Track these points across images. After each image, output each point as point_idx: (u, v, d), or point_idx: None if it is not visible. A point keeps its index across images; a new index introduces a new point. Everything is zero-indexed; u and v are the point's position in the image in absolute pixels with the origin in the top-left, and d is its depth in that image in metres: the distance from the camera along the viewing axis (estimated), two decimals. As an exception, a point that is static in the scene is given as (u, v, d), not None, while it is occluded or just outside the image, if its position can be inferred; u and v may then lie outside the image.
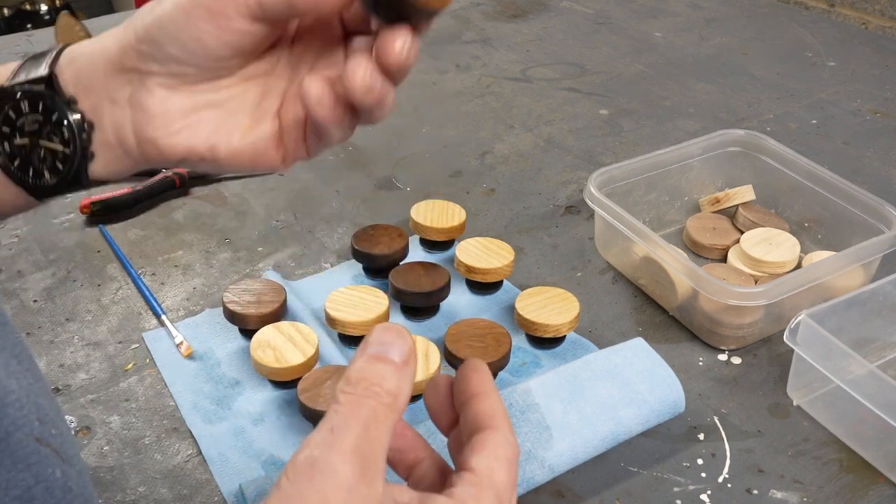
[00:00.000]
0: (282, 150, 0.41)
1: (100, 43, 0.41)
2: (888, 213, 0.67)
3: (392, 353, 0.35)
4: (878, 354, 0.63)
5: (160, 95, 0.39)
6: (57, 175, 0.41)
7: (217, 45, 0.38)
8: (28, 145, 0.41)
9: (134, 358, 0.63)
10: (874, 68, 1.09)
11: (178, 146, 0.40)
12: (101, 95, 0.40)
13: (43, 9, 2.41)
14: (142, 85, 0.39)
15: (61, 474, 0.33)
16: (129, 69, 0.40)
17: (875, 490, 0.54)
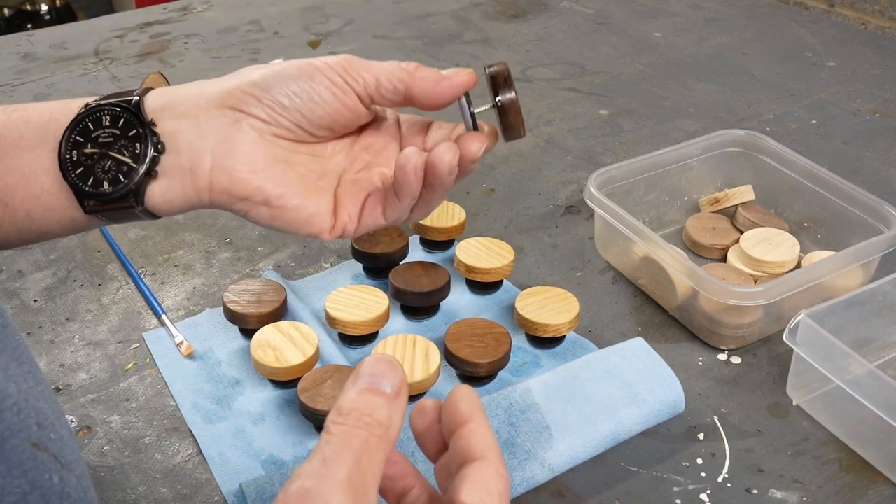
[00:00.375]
0: (333, 221, 0.46)
1: (197, 84, 0.45)
2: (888, 213, 0.67)
3: (384, 384, 0.35)
4: (878, 354, 0.63)
5: (250, 137, 0.43)
6: (115, 185, 0.43)
7: (322, 112, 0.44)
8: (97, 154, 0.43)
9: (134, 358, 0.63)
10: (874, 68, 1.09)
11: (252, 183, 0.43)
12: (188, 123, 0.43)
13: (43, 9, 2.41)
14: (236, 123, 0.43)
15: (59, 480, 0.33)
16: (228, 107, 0.43)
17: (874, 490, 0.54)
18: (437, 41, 1.15)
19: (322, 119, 0.44)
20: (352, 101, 0.44)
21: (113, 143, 0.43)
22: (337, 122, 0.45)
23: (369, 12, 1.24)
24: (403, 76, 0.44)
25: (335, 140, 0.47)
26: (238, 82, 0.44)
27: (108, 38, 1.15)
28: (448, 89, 0.44)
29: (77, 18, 2.44)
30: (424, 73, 0.44)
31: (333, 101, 0.44)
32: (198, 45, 1.13)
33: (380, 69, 0.44)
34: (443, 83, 0.44)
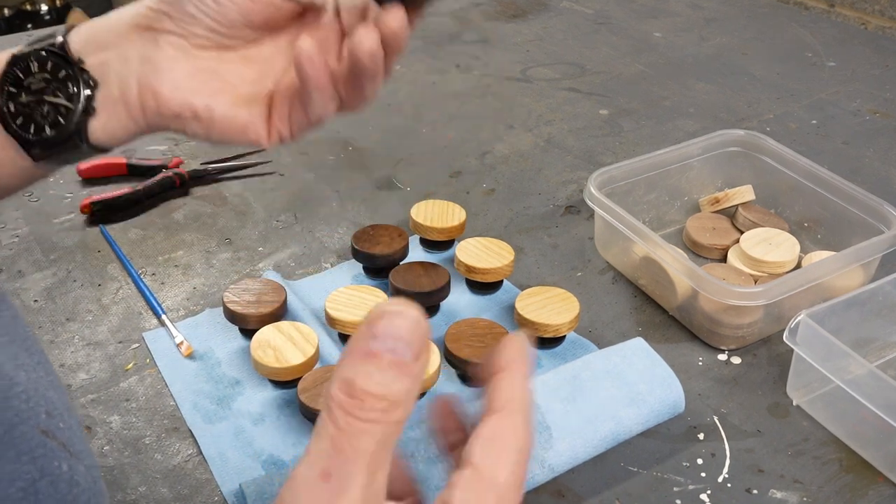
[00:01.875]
0: (268, 128, 0.44)
1: (114, 13, 0.44)
2: (888, 213, 0.67)
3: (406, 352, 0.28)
4: (878, 354, 0.63)
5: (169, 53, 0.43)
6: (57, 128, 0.43)
7: (231, 10, 0.42)
8: (33, 102, 0.43)
9: (134, 358, 0.63)
10: (874, 68, 1.09)
11: (177, 99, 0.43)
12: (112, 53, 0.43)
13: (43, 9, 2.41)
14: (154, 42, 0.42)
15: (68, 468, 0.33)
16: (144, 27, 0.43)
17: (875, 490, 0.54)
18: (436, 41, 1.15)
19: (235, 19, 0.43)
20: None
21: (45, 88, 0.43)
22: (253, 19, 0.43)
23: (369, 12, 1.24)
24: None
25: (270, 40, 0.45)
26: (147, 1, 0.43)
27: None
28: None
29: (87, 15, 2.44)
30: None
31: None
32: (198, 46, 1.13)
33: None
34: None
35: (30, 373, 0.34)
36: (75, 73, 0.43)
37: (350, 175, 0.86)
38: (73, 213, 0.79)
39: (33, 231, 0.77)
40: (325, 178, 0.85)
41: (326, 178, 0.85)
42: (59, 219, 0.78)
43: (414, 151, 0.90)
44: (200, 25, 0.43)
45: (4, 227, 0.77)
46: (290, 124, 0.44)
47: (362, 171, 0.86)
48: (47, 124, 0.43)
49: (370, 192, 0.83)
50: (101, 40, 0.43)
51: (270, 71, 0.45)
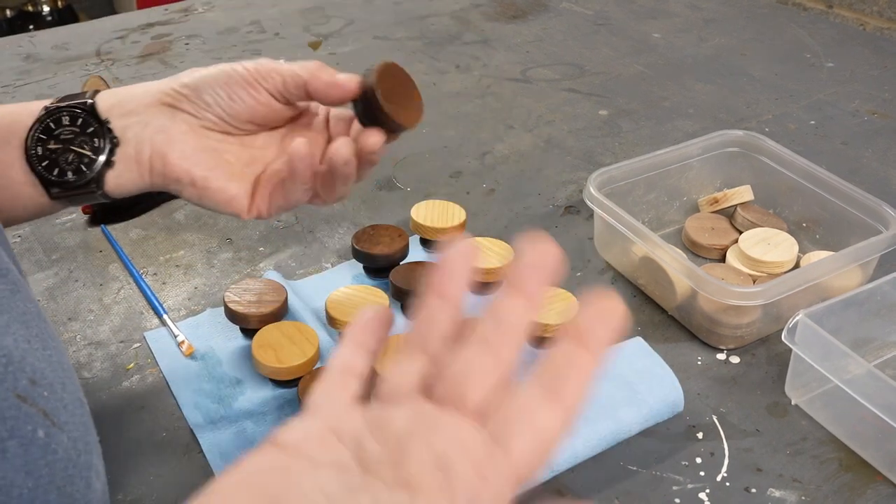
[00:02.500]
0: (250, 203, 0.53)
1: (141, 86, 0.52)
2: (886, 214, 0.67)
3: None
4: (876, 354, 0.63)
5: (182, 128, 0.51)
6: (79, 175, 0.50)
7: (240, 108, 0.51)
8: (60, 149, 0.50)
9: (136, 357, 0.63)
10: (872, 69, 1.10)
11: (181, 167, 0.51)
12: (134, 119, 0.51)
13: (45, 10, 2.41)
14: (171, 117, 0.51)
15: (44, 435, 0.34)
16: (166, 104, 0.51)
17: (873, 489, 0.54)
18: (437, 42, 1.16)
19: (241, 114, 0.52)
20: (265, 98, 0.51)
21: (73, 139, 0.50)
22: (255, 116, 0.52)
23: (370, 13, 1.25)
24: (304, 74, 0.51)
25: (267, 133, 0.54)
26: (174, 84, 0.51)
27: (110, 38, 1.16)
28: (338, 94, 0.51)
29: (78, 19, 2.44)
30: (321, 74, 0.51)
31: (249, 100, 0.51)
32: (199, 46, 1.13)
33: (286, 69, 0.51)
34: (334, 88, 0.51)
35: (19, 342, 0.36)
36: (102, 130, 0.50)
37: (350, 175, 0.86)
38: (75, 214, 0.79)
39: (35, 231, 0.77)
40: (326, 178, 0.85)
41: (327, 178, 0.85)
42: (60, 219, 0.79)
43: (414, 151, 0.90)
44: (212, 113, 0.51)
45: (7, 228, 0.78)
46: (269, 204, 0.53)
47: (363, 171, 0.86)
48: (70, 170, 0.50)
49: (370, 192, 0.83)
50: (126, 107, 0.51)
51: (262, 157, 0.54)
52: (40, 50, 1.12)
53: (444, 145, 0.91)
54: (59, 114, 0.51)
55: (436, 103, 1.00)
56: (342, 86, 0.51)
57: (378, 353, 0.37)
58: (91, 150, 0.50)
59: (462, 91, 1.03)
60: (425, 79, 1.06)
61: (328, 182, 0.52)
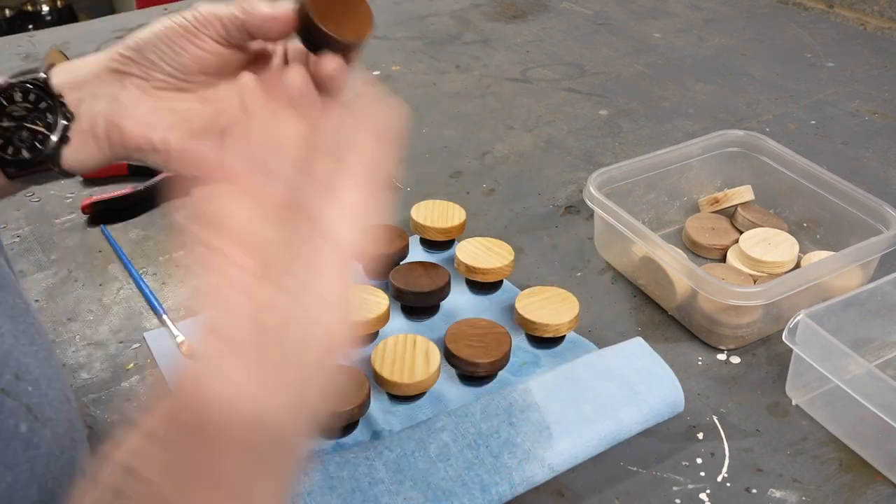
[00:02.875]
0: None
1: (89, 56, 0.50)
2: (886, 214, 0.67)
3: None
4: (877, 354, 0.63)
5: (133, 94, 0.48)
6: (34, 152, 0.48)
7: (187, 59, 0.48)
8: (13, 127, 0.48)
9: (135, 357, 0.63)
10: (873, 69, 1.10)
11: (138, 134, 0.48)
12: (86, 91, 0.48)
13: (44, 9, 2.41)
14: (121, 83, 0.48)
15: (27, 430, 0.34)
16: (113, 70, 0.49)
17: (873, 489, 0.54)
18: (437, 42, 1.16)
19: (190, 67, 0.49)
20: (210, 46, 0.48)
21: (27, 116, 0.48)
22: (206, 67, 0.49)
23: (369, 13, 1.25)
24: (239, 14, 0.48)
25: (225, 83, 0.51)
26: (118, 49, 0.49)
27: (109, 38, 1.15)
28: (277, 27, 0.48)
29: (78, 19, 2.44)
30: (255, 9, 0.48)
31: (194, 50, 0.48)
32: (198, 46, 1.13)
33: (224, 14, 0.48)
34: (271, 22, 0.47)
35: (6, 337, 0.36)
36: (55, 106, 0.48)
37: (350, 175, 0.86)
38: (74, 214, 0.79)
39: (34, 231, 0.77)
40: (326, 178, 0.85)
41: (327, 178, 0.85)
42: (60, 219, 0.79)
43: (414, 151, 0.90)
44: (160, 71, 0.49)
45: (6, 228, 0.78)
46: None
47: (362, 171, 0.86)
48: (25, 148, 0.48)
49: (370, 192, 0.83)
50: (77, 80, 0.49)
51: (225, 109, 0.51)
52: (40, 49, 1.12)
53: (444, 145, 0.91)
54: (12, 90, 0.49)
55: (436, 103, 1.00)
56: (279, 17, 0.47)
57: None
58: (44, 126, 0.48)
59: (462, 91, 1.03)
60: (425, 79, 1.05)
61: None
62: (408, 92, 1.02)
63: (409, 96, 1.01)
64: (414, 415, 0.57)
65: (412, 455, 0.51)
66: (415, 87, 1.03)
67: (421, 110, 0.98)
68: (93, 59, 0.50)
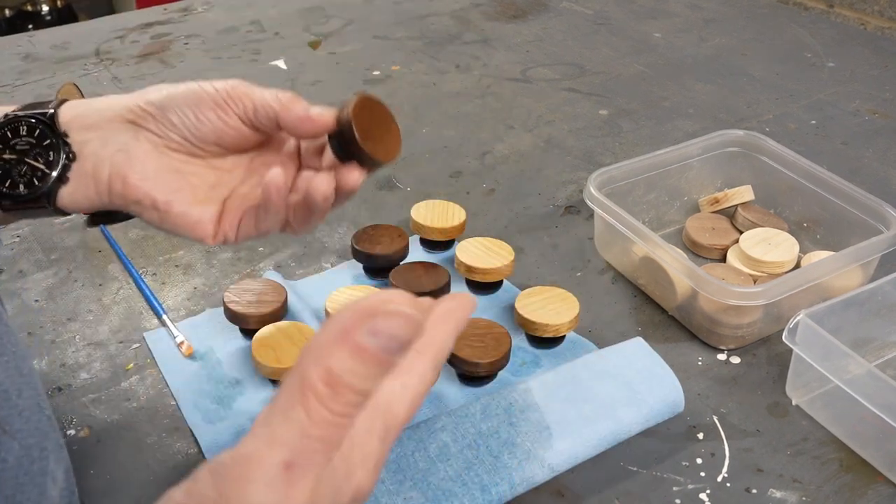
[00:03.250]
0: (216, 229, 0.50)
1: (105, 99, 0.49)
2: (887, 214, 0.67)
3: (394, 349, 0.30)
4: (877, 354, 0.63)
5: (144, 147, 0.48)
6: (31, 188, 0.48)
7: (208, 130, 0.49)
8: (14, 161, 0.48)
9: (135, 357, 0.63)
10: (873, 69, 1.10)
11: (142, 189, 0.48)
12: (95, 134, 0.48)
13: (44, 9, 2.41)
14: (134, 135, 0.48)
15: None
16: (129, 122, 0.48)
17: (874, 489, 0.54)
18: (437, 41, 1.16)
19: (207, 136, 0.49)
20: (234, 122, 0.49)
21: (29, 151, 0.48)
22: (223, 140, 0.49)
23: (370, 13, 1.25)
24: (276, 107, 0.48)
25: (234, 155, 0.51)
26: (139, 100, 0.49)
27: (109, 38, 1.15)
28: (311, 128, 0.48)
29: (78, 19, 2.44)
30: (294, 108, 0.48)
31: (217, 122, 0.49)
32: (198, 46, 1.13)
33: (258, 97, 0.49)
34: (307, 123, 0.48)
35: None
36: (58, 144, 0.48)
37: (350, 175, 0.86)
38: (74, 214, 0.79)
39: (34, 231, 0.77)
40: (326, 178, 0.85)
41: (327, 178, 0.85)
42: (59, 219, 0.79)
43: (414, 151, 0.90)
44: (178, 133, 0.49)
45: (6, 228, 0.78)
46: (237, 231, 0.50)
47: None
48: (22, 183, 0.48)
49: (370, 192, 0.83)
50: (87, 121, 0.48)
51: (229, 180, 0.51)
52: (39, 50, 1.12)
53: (444, 145, 0.91)
54: (18, 123, 0.48)
55: (436, 103, 1.00)
56: (315, 120, 0.48)
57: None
58: (45, 163, 0.48)
59: (462, 91, 1.03)
60: (425, 79, 1.05)
61: (302, 214, 0.50)
62: (408, 92, 1.02)
63: (409, 96, 1.01)
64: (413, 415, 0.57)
65: (412, 455, 0.51)
66: (415, 86, 1.03)
67: (421, 110, 0.98)
68: (109, 102, 0.49)
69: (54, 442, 0.39)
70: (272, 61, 1.09)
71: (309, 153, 0.52)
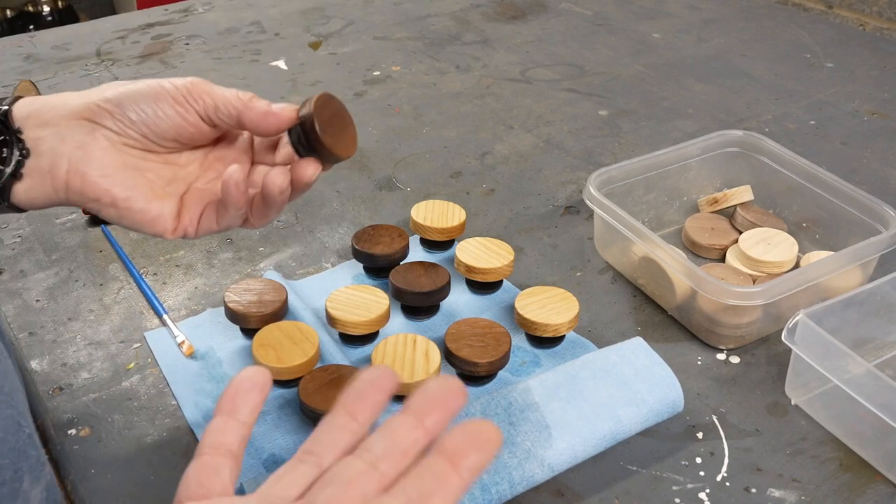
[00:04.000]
0: (176, 223, 0.51)
1: (61, 96, 0.49)
2: (885, 214, 0.67)
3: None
4: (876, 354, 0.63)
5: (102, 145, 0.48)
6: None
7: (167, 126, 0.49)
8: None
9: (136, 357, 0.63)
10: (872, 69, 1.10)
11: (101, 186, 0.48)
12: (50, 131, 0.48)
13: (45, 10, 2.41)
14: (92, 133, 0.48)
15: None
16: (86, 119, 0.48)
17: (872, 489, 0.54)
18: (437, 42, 1.16)
19: (166, 133, 0.50)
20: (193, 119, 0.49)
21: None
22: (181, 136, 0.50)
23: (370, 13, 1.25)
24: (238, 105, 0.49)
25: (189, 151, 0.52)
26: (96, 97, 0.48)
27: (110, 39, 1.16)
28: (274, 123, 0.49)
29: (79, 20, 2.44)
30: (256, 105, 0.49)
31: (176, 118, 0.49)
32: (199, 47, 1.14)
33: (219, 95, 0.49)
34: (269, 118, 0.49)
35: None
36: (11, 140, 0.47)
37: (350, 175, 0.86)
38: (75, 214, 0.79)
39: (35, 231, 0.77)
40: (326, 178, 0.85)
41: (327, 178, 0.85)
42: (61, 219, 0.79)
43: (414, 151, 0.90)
44: (136, 130, 0.49)
45: (7, 227, 0.78)
46: (197, 225, 0.51)
47: (362, 171, 0.87)
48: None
49: (370, 192, 0.83)
50: (43, 118, 0.48)
51: (185, 176, 0.52)
52: (40, 50, 1.12)
53: (444, 145, 0.91)
54: None
55: (435, 103, 1.00)
56: (278, 115, 0.49)
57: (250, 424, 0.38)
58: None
59: (462, 91, 1.03)
60: (425, 79, 1.06)
61: (260, 208, 0.51)
62: (408, 92, 1.02)
63: (408, 96, 1.01)
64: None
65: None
66: (415, 87, 1.04)
67: (421, 110, 0.98)
68: (65, 99, 0.49)
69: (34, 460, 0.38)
70: (273, 62, 1.10)
71: (262, 149, 0.54)
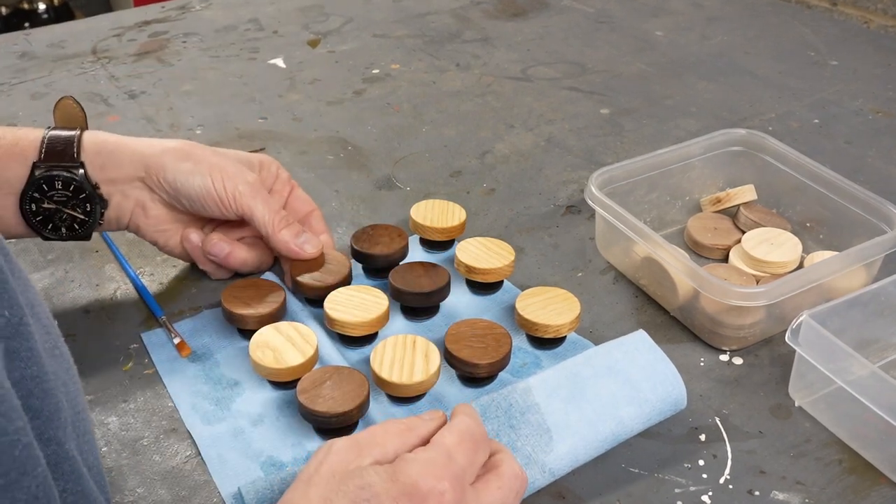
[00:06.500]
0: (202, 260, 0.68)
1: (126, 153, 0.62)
2: (890, 213, 0.66)
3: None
4: (880, 355, 0.63)
5: (157, 206, 0.64)
6: (72, 233, 0.62)
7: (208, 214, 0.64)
8: (53, 210, 0.61)
9: (132, 358, 0.63)
10: (876, 67, 1.09)
11: (151, 236, 0.65)
12: (117, 189, 0.62)
13: (41, 7, 2.41)
14: (149, 195, 0.63)
15: None
16: (145, 185, 0.63)
17: (877, 491, 0.54)
18: (436, 40, 1.15)
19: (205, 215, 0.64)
20: (231, 216, 0.64)
21: (67, 203, 0.60)
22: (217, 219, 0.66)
23: (369, 11, 1.24)
24: (267, 230, 0.63)
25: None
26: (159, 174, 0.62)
27: (106, 36, 1.15)
28: (293, 257, 0.64)
29: (75, 17, 2.44)
30: (283, 236, 0.63)
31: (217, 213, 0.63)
32: (196, 44, 1.13)
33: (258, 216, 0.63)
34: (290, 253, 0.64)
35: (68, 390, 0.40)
36: (93, 196, 0.61)
37: (350, 175, 0.85)
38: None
39: (31, 231, 0.76)
40: (325, 177, 0.85)
41: (326, 177, 0.85)
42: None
43: (414, 151, 0.89)
44: (182, 207, 0.64)
45: None
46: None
47: (362, 170, 0.86)
48: (64, 227, 0.62)
49: (369, 191, 0.83)
50: (110, 175, 0.61)
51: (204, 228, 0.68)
52: (36, 48, 1.12)
53: (444, 145, 0.91)
54: (53, 178, 0.59)
55: (435, 102, 0.99)
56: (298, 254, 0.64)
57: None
58: (83, 213, 0.61)
59: (462, 90, 1.02)
60: (425, 78, 1.05)
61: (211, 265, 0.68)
62: (407, 90, 1.02)
63: (408, 95, 1.01)
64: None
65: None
66: (414, 85, 1.03)
67: (420, 109, 0.98)
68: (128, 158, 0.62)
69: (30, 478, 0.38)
70: (271, 59, 1.09)
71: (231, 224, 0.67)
